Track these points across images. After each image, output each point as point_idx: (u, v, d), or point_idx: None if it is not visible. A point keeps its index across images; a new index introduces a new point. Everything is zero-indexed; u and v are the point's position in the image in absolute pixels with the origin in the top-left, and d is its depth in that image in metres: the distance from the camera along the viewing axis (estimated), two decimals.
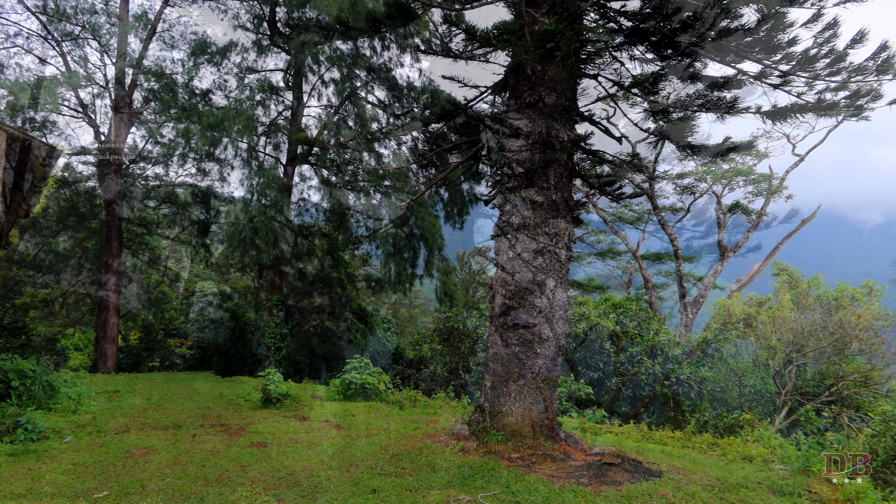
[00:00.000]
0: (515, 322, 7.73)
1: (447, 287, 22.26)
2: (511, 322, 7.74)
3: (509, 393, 7.81)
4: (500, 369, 7.87)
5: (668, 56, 8.31)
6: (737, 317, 16.66)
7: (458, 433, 8.12)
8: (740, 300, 17.73)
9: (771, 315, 15.98)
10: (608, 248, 34.37)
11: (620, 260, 35.34)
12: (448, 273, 22.32)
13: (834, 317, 15.67)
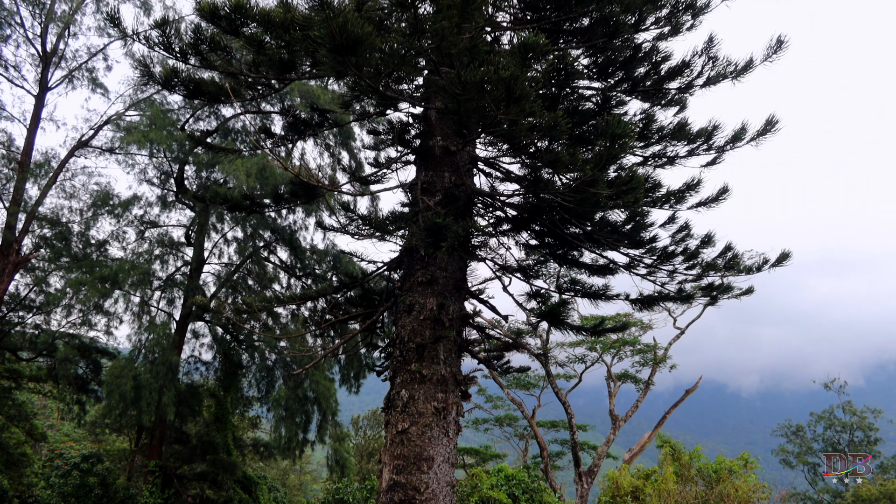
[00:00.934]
0: (402, 499, 7.65)
1: (339, 455, 21.51)
2: (397, 499, 7.66)
3: None
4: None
5: (549, 244, 9.16)
6: (625, 489, 16.91)
7: None
8: (628, 472, 18.08)
9: (656, 488, 16.36)
10: (505, 415, 34.50)
11: (517, 427, 35.42)
12: (341, 440, 21.67)
13: (715, 489, 16.22)
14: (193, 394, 22.57)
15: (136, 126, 21.25)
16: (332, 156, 21.14)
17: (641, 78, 8.57)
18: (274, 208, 8.69)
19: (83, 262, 21.58)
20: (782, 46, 7.71)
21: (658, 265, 8.45)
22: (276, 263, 22.61)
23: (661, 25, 8.17)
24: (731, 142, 7.98)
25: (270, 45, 7.58)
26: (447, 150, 8.35)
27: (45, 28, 22.10)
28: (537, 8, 8.79)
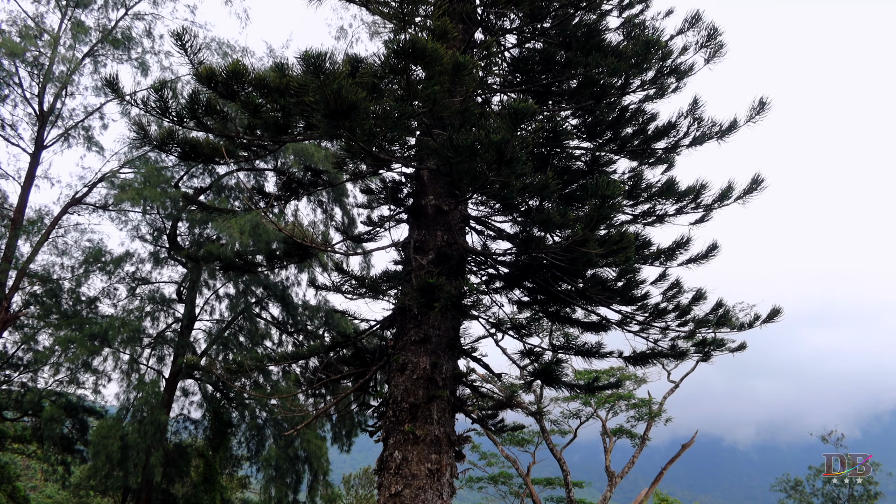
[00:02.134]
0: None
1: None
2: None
3: None
4: None
5: (542, 301, 9.19)
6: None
7: None
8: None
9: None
10: (500, 472, 33.85)
11: (512, 485, 34.73)
12: (332, 500, 21.16)
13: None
14: (181, 454, 22.12)
15: (131, 183, 21.41)
16: (325, 212, 21.31)
17: (629, 138, 8.77)
18: (267, 268, 8.72)
19: (73, 319, 21.41)
20: (765, 108, 7.93)
21: (650, 322, 8.47)
22: (267, 320, 22.49)
23: (647, 88, 8.41)
24: (718, 200, 8.13)
25: (265, 109, 7.74)
26: (439, 209, 8.44)
27: (43, 88, 22.47)
28: (526, 71, 9.05)
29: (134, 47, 23.63)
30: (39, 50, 22.36)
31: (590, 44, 8.43)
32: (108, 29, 23.06)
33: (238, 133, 7.93)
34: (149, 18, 23.78)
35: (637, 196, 8.27)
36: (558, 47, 8.75)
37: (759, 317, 8.42)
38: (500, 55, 9.34)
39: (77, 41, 22.50)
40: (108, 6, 23.27)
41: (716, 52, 8.09)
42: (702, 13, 8.00)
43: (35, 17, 22.97)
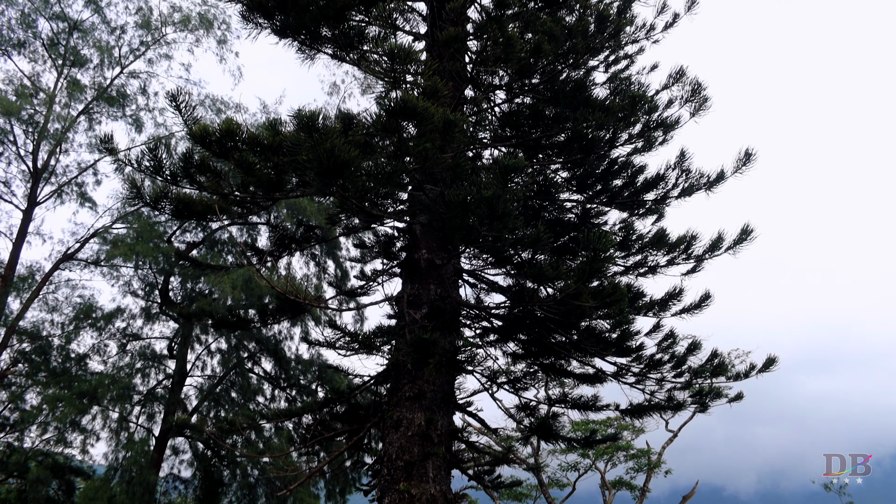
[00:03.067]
0: None
1: None
2: None
3: None
4: None
5: (536, 353, 9.15)
6: None
7: None
8: None
9: None
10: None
11: None
12: None
13: None
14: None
15: (123, 239, 21.40)
16: (318, 265, 21.30)
17: (619, 190, 8.88)
18: (259, 324, 8.67)
19: (62, 377, 21.08)
20: (750, 159, 8.07)
21: (646, 373, 8.43)
22: (260, 375, 22.22)
23: (635, 141, 8.56)
24: (708, 251, 8.19)
25: (259, 167, 7.81)
26: (432, 263, 8.46)
27: (37, 146, 22.63)
28: (516, 125, 9.21)
29: (129, 104, 23.97)
30: (35, 108, 22.63)
31: (578, 98, 8.62)
32: (104, 87, 23.41)
33: (231, 190, 7.99)
34: (144, 76, 24.20)
35: (628, 247, 8.32)
36: (547, 102, 8.93)
37: (754, 366, 8.40)
38: (490, 110, 9.52)
39: (73, 99, 22.81)
40: (104, 65, 23.68)
41: (700, 105, 8.28)
42: (685, 69, 8.21)
43: (31, 77, 23.33)
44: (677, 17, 8.90)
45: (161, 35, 24.12)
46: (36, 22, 23.13)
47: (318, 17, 8.00)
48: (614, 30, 8.49)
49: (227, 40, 24.57)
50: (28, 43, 23.24)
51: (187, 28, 24.13)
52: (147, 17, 23.79)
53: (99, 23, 23.55)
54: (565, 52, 8.53)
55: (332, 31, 8.38)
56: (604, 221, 9.27)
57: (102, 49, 23.38)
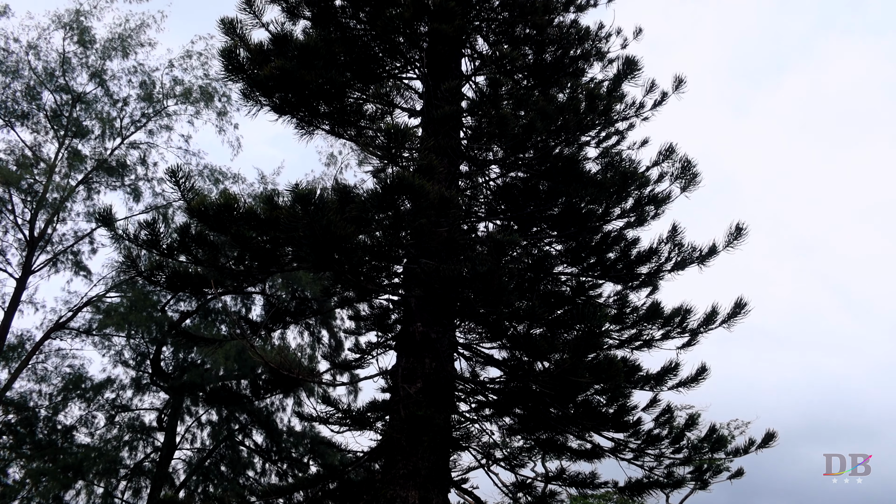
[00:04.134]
0: None
1: None
2: None
3: None
4: None
5: (532, 428, 9.01)
6: None
7: None
8: None
9: None
10: None
11: None
12: None
13: None
14: None
15: (116, 308, 21.29)
16: (312, 335, 21.15)
17: (613, 263, 8.95)
18: (252, 398, 8.55)
19: (47, 449, 20.58)
20: (742, 233, 8.18)
21: (644, 449, 8.29)
22: (250, 447, 21.73)
23: (628, 215, 8.69)
24: (703, 325, 8.20)
25: (255, 240, 7.87)
26: (428, 336, 8.42)
27: (35, 215, 22.77)
28: (510, 199, 9.35)
29: (128, 174, 24.28)
30: (35, 178, 22.89)
31: (570, 173, 8.79)
32: (104, 157, 23.77)
33: (227, 263, 8.03)
34: (144, 147, 24.62)
35: (623, 321, 8.33)
36: (540, 177, 9.11)
37: (754, 441, 8.30)
38: (485, 184, 9.69)
39: (73, 169, 23.11)
40: (105, 136, 24.11)
41: (690, 181, 8.45)
42: (675, 146, 8.43)
43: (33, 147, 23.68)
44: (665, 96, 9.19)
45: (163, 107, 24.68)
46: (40, 94, 23.67)
47: (317, 94, 8.23)
48: (605, 108, 8.74)
49: (227, 112, 25.13)
50: (32, 114, 23.72)
51: (188, 101, 24.70)
52: (150, 90, 24.40)
53: (102, 95, 24.12)
54: (558, 128, 8.76)
55: (330, 108, 8.60)
56: (598, 294, 9.29)
57: (104, 120, 23.87)
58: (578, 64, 9.96)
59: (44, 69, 23.35)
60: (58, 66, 23.42)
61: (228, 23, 8.36)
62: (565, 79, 9.68)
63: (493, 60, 9.49)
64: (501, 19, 9.99)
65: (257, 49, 8.34)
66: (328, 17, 9.27)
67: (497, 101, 8.33)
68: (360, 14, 9.40)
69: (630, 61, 8.73)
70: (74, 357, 27.58)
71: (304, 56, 7.95)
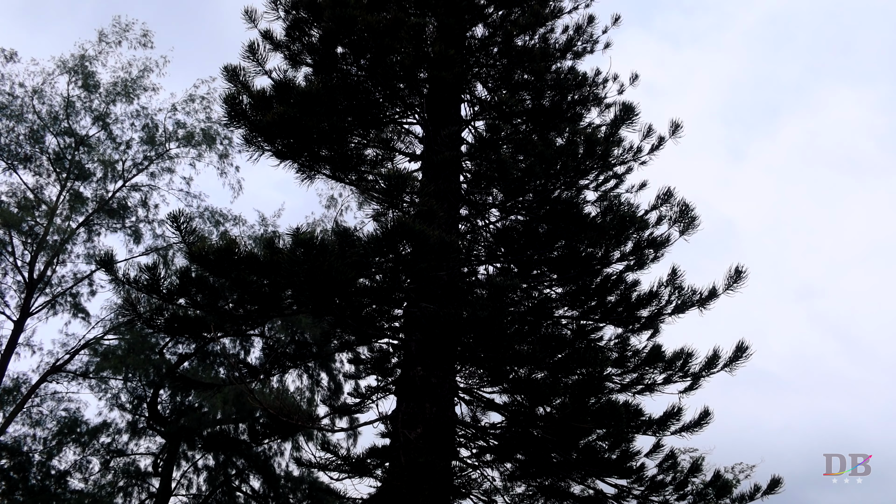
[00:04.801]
0: None
1: None
2: None
3: None
4: None
5: (535, 473, 8.88)
6: None
7: None
8: None
9: None
10: None
11: None
12: None
13: None
14: None
15: (114, 350, 21.15)
16: (311, 377, 20.96)
17: (613, 306, 8.93)
18: (250, 443, 8.45)
19: (40, 495, 20.22)
20: (741, 276, 8.20)
21: (648, 496, 8.16)
22: (247, 493, 21.34)
23: (627, 258, 8.71)
24: (705, 368, 8.15)
25: (256, 284, 7.87)
26: (428, 380, 8.36)
27: (35, 257, 22.78)
28: (510, 242, 9.39)
29: (129, 216, 24.39)
30: (36, 220, 22.98)
31: (570, 217, 8.84)
32: (105, 200, 23.90)
33: (227, 308, 8.01)
34: (145, 189, 24.78)
35: (625, 364, 8.28)
36: (540, 220, 9.16)
37: (759, 488, 8.17)
38: (485, 228, 9.74)
39: (74, 212, 23.21)
40: (107, 178, 24.28)
41: (689, 225, 8.50)
42: (673, 190, 8.50)
43: (35, 189, 23.83)
44: (663, 141, 9.31)
45: (165, 150, 24.91)
46: (44, 138, 23.91)
47: (319, 140, 8.33)
48: (603, 152, 8.85)
49: (228, 154, 25.34)
50: (35, 157, 23.92)
51: (190, 143, 24.94)
52: (152, 133, 24.66)
53: (105, 138, 24.36)
54: (556, 172, 8.85)
55: (331, 153, 8.70)
56: (599, 337, 9.26)
57: (106, 163, 24.06)
58: (576, 109, 10.11)
59: (48, 113, 23.65)
60: (62, 109, 23.72)
61: (231, 70, 8.51)
62: (563, 123, 9.81)
63: (493, 106, 9.64)
64: (500, 66, 10.18)
65: (259, 95, 8.47)
66: (329, 64, 9.43)
67: (496, 146, 8.44)
68: (361, 61, 9.57)
69: (627, 107, 8.86)
70: (70, 400, 27.30)
71: (305, 102, 8.07)
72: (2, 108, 23.01)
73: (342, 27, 8.84)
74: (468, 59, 9.92)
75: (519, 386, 7.92)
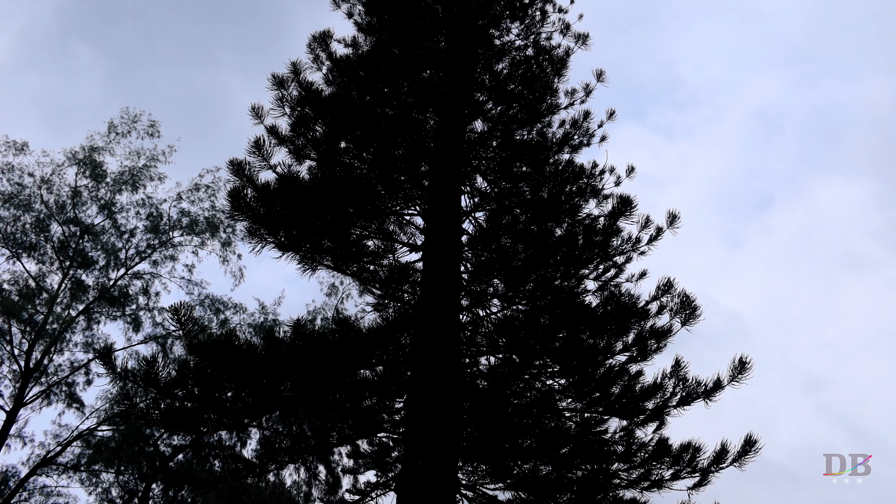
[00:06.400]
0: None
1: None
2: None
3: None
4: None
5: None
6: None
7: None
8: None
9: None
10: None
11: None
12: None
13: None
14: None
15: (107, 442, 20.66)
16: (308, 470, 20.36)
17: (617, 397, 8.79)
18: None
19: None
20: (745, 367, 8.11)
21: None
22: None
23: (630, 349, 8.65)
24: (713, 463, 7.93)
25: (254, 377, 7.79)
26: (429, 476, 8.12)
27: (32, 346, 22.58)
28: (511, 332, 9.34)
29: (129, 304, 24.36)
30: (36, 308, 22.93)
31: (571, 307, 8.84)
32: (107, 287, 23.94)
33: (225, 402, 7.89)
34: (147, 277, 24.87)
35: (631, 459, 8.07)
36: (541, 310, 9.15)
37: None
38: (487, 318, 9.71)
39: (74, 300, 23.21)
40: (109, 266, 24.41)
41: (690, 316, 8.48)
42: (673, 280, 8.54)
43: (37, 277, 23.90)
44: (661, 231, 9.42)
45: (168, 238, 25.18)
46: (49, 226, 24.20)
47: (321, 232, 8.44)
48: (601, 243, 8.95)
49: (231, 242, 25.57)
50: (39, 246, 24.13)
51: (194, 231, 25.23)
52: (156, 221, 24.98)
53: (109, 227, 24.66)
54: (557, 263, 8.92)
55: (333, 245, 8.79)
56: (604, 429, 9.06)
57: (109, 251, 24.26)
58: (575, 200, 10.28)
59: (55, 202, 24.04)
60: (69, 199, 24.13)
61: (237, 164, 8.72)
62: (562, 214, 9.96)
63: (493, 197, 9.82)
64: (499, 158, 10.44)
65: (264, 188, 8.64)
66: (333, 158, 9.68)
67: (497, 237, 8.54)
68: (363, 154, 9.83)
69: (624, 200, 9.03)
70: (59, 495, 26.38)
71: (309, 196, 8.23)
72: (10, 198, 23.42)
73: (346, 122, 9.14)
74: (469, 153, 10.18)
75: (523, 482, 7.70)
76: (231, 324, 23.37)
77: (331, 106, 9.11)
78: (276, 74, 9.63)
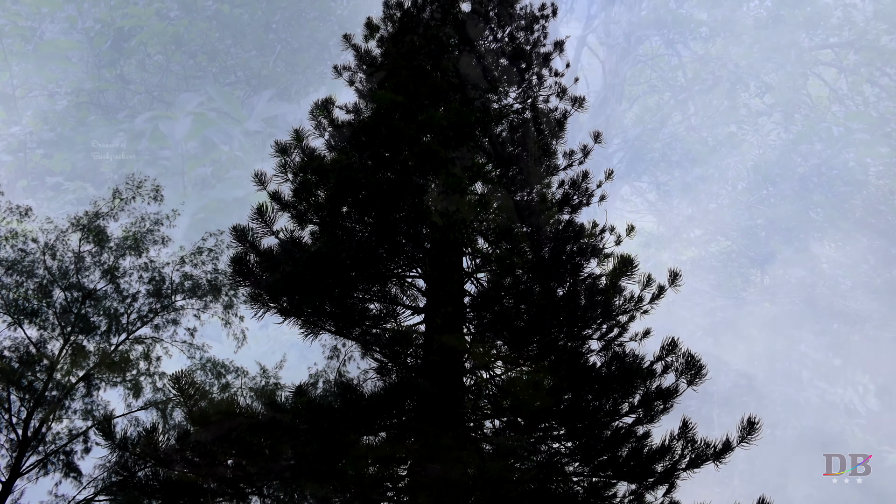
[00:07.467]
0: None
1: None
2: None
3: None
4: None
5: None
6: None
7: None
8: None
9: None
10: None
11: None
12: None
13: None
14: None
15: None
16: None
17: (625, 460, 8.62)
18: None
19: None
20: (754, 428, 7.98)
21: None
22: None
23: (636, 410, 8.53)
24: None
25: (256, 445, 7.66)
26: None
27: (31, 414, 22.27)
28: (515, 395, 9.22)
29: (129, 369, 24.13)
30: (35, 375, 22.71)
31: (575, 368, 8.76)
32: (108, 353, 23.78)
33: (226, 471, 7.74)
34: (149, 342, 24.71)
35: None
36: (545, 371, 9.06)
37: None
38: (490, 380, 9.61)
39: (75, 366, 23.02)
40: (111, 331, 24.28)
41: (696, 375, 8.40)
42: (677, 340, 8.48)
43: (38, 344, 23.74)
44: (663, 290, 9.41)
45: (170, 302, 25.13)
46: (52, 292, 24.19)
47: (323, 297, 8.44)
48: (604, 302, 8.93)
49: (233, 304, 25.49)
50: (41, 312, 24.07)
51: (196, 295, 25.21)
52: (159, 286, 24.98)
53: (112, 291, 24.64)
54: (559, 323, 8.88)
55: (335, 309, 8.78)
56: (613, 493, 8.85)
57: (111, 316, 24.17)
58: (576, 259, 10.31)
59: (58, 268, 24.10)
60: (72, 265, 24.21)
61: (240, 231, 8.80)
62: (564, 274, 9.97)
63: (494, 259, 9.85)
64: (500, 220, 10.52)
65: (266, 254, 8.70)
66: (335, 222, 9.76)
67: (499, 298, 8.54)
68: (365, 218, 9.92)
69: (625, 260, 9.06)
70: None
71: (311, 261, 8.27)
72: (13, 265, 23.50)
73: (348, 187, 9.25)
74: (469, 215, 10.26)
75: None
76: (233, 388, 23.12)
77: (333, 171, 9.24)
78: (278, 141, 9.80)
